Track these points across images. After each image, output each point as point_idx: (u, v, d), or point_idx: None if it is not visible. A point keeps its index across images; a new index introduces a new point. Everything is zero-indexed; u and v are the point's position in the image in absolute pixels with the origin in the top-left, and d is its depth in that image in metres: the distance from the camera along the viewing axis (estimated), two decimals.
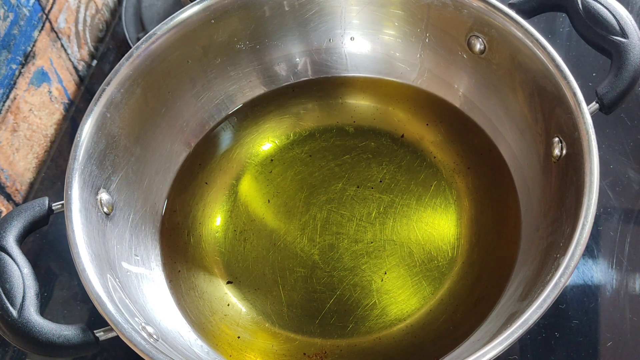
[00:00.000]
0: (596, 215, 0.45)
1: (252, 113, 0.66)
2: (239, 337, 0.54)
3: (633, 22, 0.52)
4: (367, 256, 0.57)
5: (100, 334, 0.45)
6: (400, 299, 0.54)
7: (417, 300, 0.54)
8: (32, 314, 0.44)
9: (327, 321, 0.54)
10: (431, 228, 0.57)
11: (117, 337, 0.44)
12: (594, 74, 0.69)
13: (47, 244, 0.66)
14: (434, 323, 0.53)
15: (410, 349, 0.52)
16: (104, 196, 0.53)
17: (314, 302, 0.55)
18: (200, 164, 0.63)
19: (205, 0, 0.59)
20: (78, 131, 0.52)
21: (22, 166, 0.69)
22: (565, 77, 0.51)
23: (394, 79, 0.66)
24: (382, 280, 0.55)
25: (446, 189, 0.59)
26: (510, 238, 0.56)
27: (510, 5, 0.55)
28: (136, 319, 0.47)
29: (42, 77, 0.71)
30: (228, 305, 0.56)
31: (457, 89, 0.63)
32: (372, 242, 0.57)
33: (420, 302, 0.54)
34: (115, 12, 0.84)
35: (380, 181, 0.60)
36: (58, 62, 0.74)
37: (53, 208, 0.50)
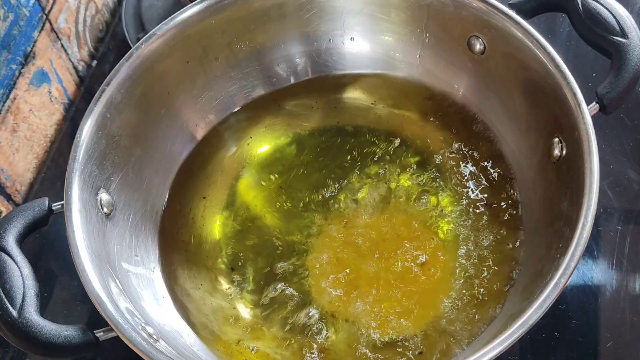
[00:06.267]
0: (596, 215, 0.45)
1: (252, 113, 0.66)
2: (238, 338, 0.54)
3: (633, 22, 0.52)
4: (367, 258, 0.57)
5: (100, 334, 0.45)
6: (401, 300, 0.54)
7: (419, 302, 0.54)
8: (32, 314, 0.44)
9: (327, 321, 0.54)
10: (432, 228, 0.57)
11: (117, 337, 0.44)
12: (594, 74, 0.69)
13: (47, 244, 0.66)
14: (433, 323, 0.53)
15: (411, 349, 0.52)
16: (104, 196, 0.53)
17: (315, 304, 0.55)
18: (200, 164, 0.63)
19: (205, 0, 0.59)
20: (78, 131, 0.52)
21: (22, 166, 0.69)
22: (565, 77, 0.51)
23: (394, 79, 0.66)
24: (383, 281, 0.55)
25: (447, 189, 0.59)
26: (510, 238, 0.56)
27: (510, 6, 0.55)
28: (136, 319, 0.47)
29: (42, 77, 0.71)
30: (228, 305, 0.56)
31: (457, 89, 0.63)
32: (372, 243, 0.57)
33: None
34: (115, 12, 0.84)
35: (382, 182, 0.60)
36: (58, 62, 0.74)
37: (53, 208, 0.50)
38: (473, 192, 0.59)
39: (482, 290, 0.54)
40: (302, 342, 0.53)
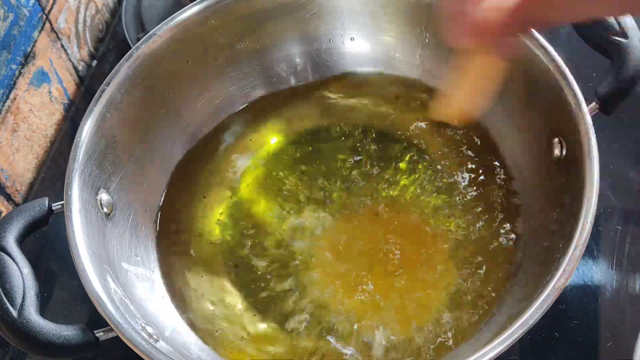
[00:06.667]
0: (596, 215, 0.45)
1: (252, 113, 0.66)
2: (241, 338, 0.54)
3: (633, 22, 0.52)
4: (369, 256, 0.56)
5: (100, 334, 0.45)
6: (401, 301, 0.54)
7: (418, 302, 0.54)
8: (32, 314, 0.44)
9: (329, 323, 0.54)
10: (432, 229, 0.57)
11: (117, 337, 0.44)
12: (594, 74, 0.69)
13: (47, 244, 0.66)
14: (434, 324, 0.53)
15: (411, 350, 0.52)
16: (104, 196, 0.53)
17: (315, 303, 0.55)
18: (200, 164, 0.63)
19: (205, 0, 0.59)
20: (78, 131, 0.52)
21: (22, 166, 0.69)
22: (565, 77, 0.51)
23: (394, 79, 0.66)
24: (384, 282, 0.55)
25: (447, 189, 0.59)
26: (510, 238, 0.56)
27: None
28: (136, 319, 0.47)
29: (42, 77, 0.71)
30: (228, 305, 0.56)
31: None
32: (373, 245, 0.57)
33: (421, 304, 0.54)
34: (115, 12, 0.85)
35: (381, 181, 0.60)
36: (58, 62, 0.74)
37: (53, 208, 0.50)
38: (472, 192, 0.59)
39: (482, 290, 0.54)
40: (305, 342, 0.53)
